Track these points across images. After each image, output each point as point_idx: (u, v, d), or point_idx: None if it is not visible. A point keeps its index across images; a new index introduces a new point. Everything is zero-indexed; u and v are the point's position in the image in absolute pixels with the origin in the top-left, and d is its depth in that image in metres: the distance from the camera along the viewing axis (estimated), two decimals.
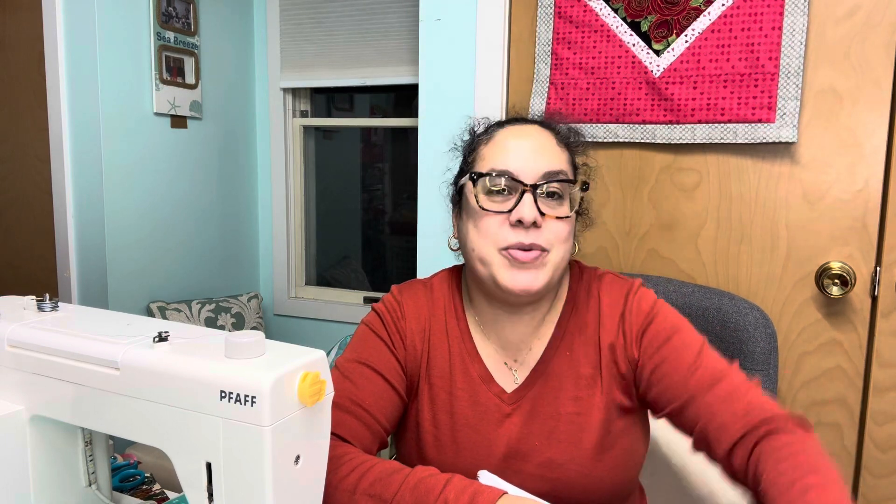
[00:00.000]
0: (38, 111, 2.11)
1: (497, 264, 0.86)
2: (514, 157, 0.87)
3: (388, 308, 0.96)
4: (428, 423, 0.93)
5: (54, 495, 0.77)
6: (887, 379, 1.45)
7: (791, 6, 1.43)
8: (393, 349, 0.94)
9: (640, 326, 0.90)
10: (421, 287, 0.99)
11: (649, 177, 1.62)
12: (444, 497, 0.73)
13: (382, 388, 0.91)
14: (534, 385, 0.91)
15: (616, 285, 0.95)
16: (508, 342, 0.94)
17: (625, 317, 0.91)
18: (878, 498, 1.48)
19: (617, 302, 0.92)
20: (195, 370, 0.60)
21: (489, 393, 0.91)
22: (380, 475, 0.78)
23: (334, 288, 2.67)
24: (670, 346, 0.88)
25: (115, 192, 2.06)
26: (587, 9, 1.61)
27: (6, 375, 0.72)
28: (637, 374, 0.90)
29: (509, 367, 0.94)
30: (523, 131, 0.90)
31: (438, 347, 0.94)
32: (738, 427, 0.79)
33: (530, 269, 0.85)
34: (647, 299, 0.92)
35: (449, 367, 0.93)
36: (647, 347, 0.89)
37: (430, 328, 0.95)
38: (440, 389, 0.93)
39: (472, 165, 0.92)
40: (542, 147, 0.88)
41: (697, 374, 0.84)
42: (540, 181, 0.86)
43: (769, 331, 1.26)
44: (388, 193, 2.76)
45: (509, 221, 0.85)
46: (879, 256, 1.45)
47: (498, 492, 0.73)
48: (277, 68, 2.53)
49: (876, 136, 1.42)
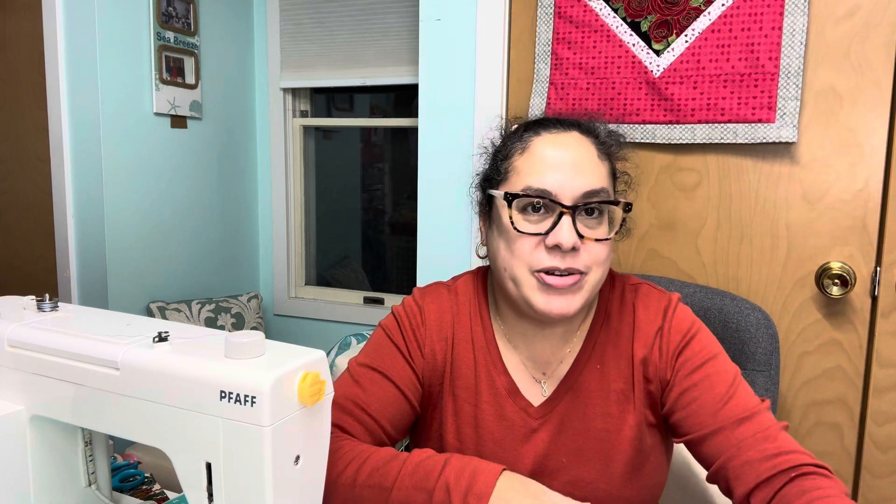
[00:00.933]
0: (38, 111, 2.11)
1: (530, 287, 0.81)
2: (551, 175, 0.80)
3: (409, 313, 0.92)
4: (451, 436, 0.89)
5: (54, 495, 0.77)
6: (887, 379, 1.45)
7: (791, 6, 1.43)
8: (409, 359, 0.90)
9: (677, 346, 0.86)
10: (445, 291, 0.94)
11: (649, 177, 1.62)
12: (445, 478, 0.72)
13: (392, 396, 0.88)
14: (562, 399, 0.88)
15: (654, 298, 0.90)
16: (537, 355, 0.90)
17: (662, 333, 0.87)
18: (878, 498, 1.48)
19: (655, 317, 0.88)
20: (195, 370, 0.60)
21: (516, 407, 0.88)
22: (377, 464, 0.77)
23: (334, 288, 2.67)
24: (704, 371, 0.84)
25: (115, 192, 2.06)
26: (587, 9, 1.61)
27: (6, 375, 0.72)
28: (664, 394, 0.86)
29: (537, 381, 0.90)
30: (561, 141, 0.83)
31: (463, 357, 0.90)
32: (765, 468, 0.76)
33: (566, 294, 0.81)
34: (687, 318, 0.88)
35: (474, 379, 0.89)
36: (680, 369, 0.85)
37: (453, 336, 0.91)
38: (465, 402, 0.89)
39: (504, 176, 0.85)
40: (581, 161, 0.82)
41: (729, 406, 0.81)
42: (579, 202, 0.80)
43: (771, 331, 1.26)
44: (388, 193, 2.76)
45: (545, 244, 0.80)
46: (879, 256, 1.45)
47: (498, 467, 0.72)
48: (277, 68, 2.53)
49: (876, 136, 1.42)
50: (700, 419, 0.82)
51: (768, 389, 1.25)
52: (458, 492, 0.71)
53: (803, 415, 1.53)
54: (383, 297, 2.55)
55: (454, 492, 0.71)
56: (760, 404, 0.81)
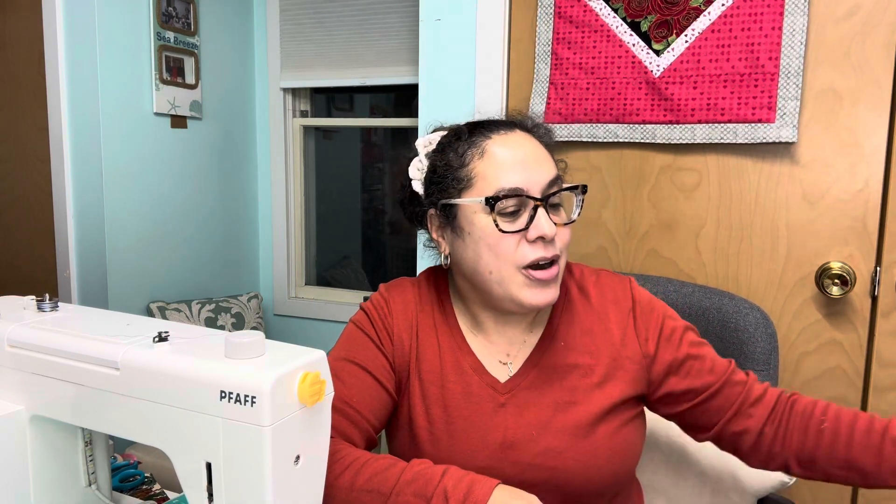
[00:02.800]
0: (38, 111, 2.11)
1: (518, 284, 0.85)
2: (517, 172, 0.84)
3: (376, 305, 0.96)
4: (421, 418, 0.92)
5: (54, 495, 0.77)
6: (887, 379, 1.45)
7: (791, 6, 1.43)
8: (381, 346, 0.94)
9: (657, 325, 0.93)
10: (409, 284, 1.00)
11: (649, 177, 1.62)
12: (443, 486, 0.74)
13: (370, 386, 0.91)
14: (528, 375, 0.92)
15: (616, 278, 0.97)
16: (501, 339, 0.94)
17: (636, 312, 0.93)
18: (878, 498, 1.48)
19: (623, 296, 0.94)
20: (195, 370, 0.60)
21: (482, 383, 0.91)
22: (376, 471, 0.79)
23: (334, 288, 2.67)
24: (686, 341, 0.92)
25: (115, 192, 2.06)
26: (587, 9, 1.61)
27: (6, 375, 0.72)
28: (654, 369, 0.92)
29: (503, 363, 0.94)
30: (512, 140, 0.88)
31: (427, 342, 0.94)
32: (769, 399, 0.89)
33: (551, 284, 0.86)
34: (651, 298, 0.96)
35: (440, 362, 0.93)
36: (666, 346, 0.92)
37: (417, 323, 0.95)
38: (431, 384, 0.93)
39: (468, 183, 0.87)
40: (537, 155, 0.87)
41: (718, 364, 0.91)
42: (547, 192, 0.85)
43: (769, 331, 1.26)
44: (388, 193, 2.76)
45: (527, 238, 0.84)
46: (879, 256, 1.45)
47: (493, 481, 0.75)
48: (277, 68, 2.53)
49: (876, 136, 1.42)
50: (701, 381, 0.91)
51: None
52: (455, 499, 0.73)
53: None
54: None
55: (452, 499, 0.73)
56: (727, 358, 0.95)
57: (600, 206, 1.67)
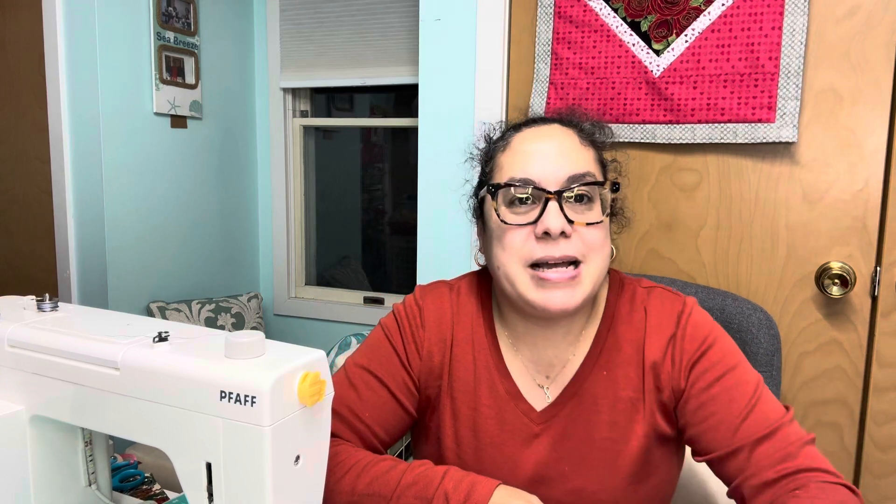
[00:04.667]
0: (38, 111, 2.11)
1: (524, 283, 0.79)
2: (534, 163, 0.79)
3: (408, 314, 0.90)
4: (449, 439, 0.87)
5: (54, 495, 0.77)
6: (887, 379, 1.45)
7: (791, 6, 1.43)
8: (406, 363, 0.88)
9: (692, 355, 0.81)
10: (447, 291, 0.92)
11: (649, 177, 1.62)
12: (444, 488, 0.74)
13: (386, 401, 0.88)
14: (566, 405, 0.84)
15: (667, 301, 0.85)
16: (541, 358, 0.87)
17: (675, 340, 0.82)
18: (878, 498, 1.48)
19: (668, 322, 0.83)
20: (195, 370, 0.60)
21: (517, 411, 0.85)
22: (377, 474, 0.78)
23: (334, 288, 2.67)
24: (722, 384, 0.79)
25: (115, 192, 2.06)
26: (587, 9, 1.61)
27: (6, 375, 0.72)
28: (679, 406, 0.82)
29: (540, 385, 0.87)
30: (542, 133, 0.83)
31: (462, 359, 0.88)
32: (781, 486, 0.73)
33: (565, 287, 0.78)
34: (703, 325, 0.83)
35: (474, 381, 0.87)
36: (696, 381, 0.80)
37: (452, 337, 0.88)
38: (463, 404, 0.87)
39: (490, 176, 0.85)
40: (563, 148, 0.81)
41: (748, 423, 0.76)
42: (564, 186, 0.78)
43: (773, 332, 1.26)
44: (388, 193, 2.76)
45: (535, 234, 0.78)
46: (879, 256, 1.45)
47: (494, 481, 0.74)
48: (277, 68, 2.53)
49: (876, 136, 1.42)
50: (719, 437, 0.77)
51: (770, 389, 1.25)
52: (456, 500, 0.72)
53: (803, 415, 1.53)
54: (383, 297, 2.55)
55: (452, 500, 0.72)
56: (783, 417, 0.77)
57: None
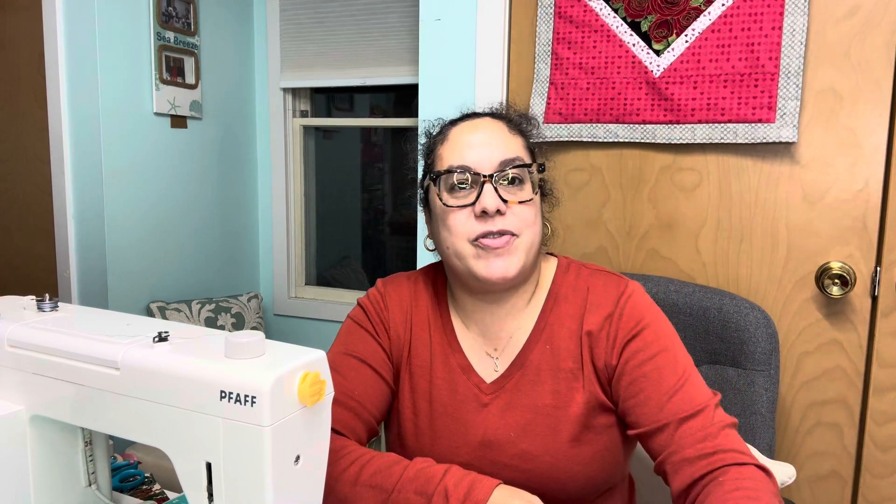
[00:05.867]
0: (38, 111, 2.11)
1: (471, 256, 0.88)
2: (469, 152, 0.89)
3: (372, 301, 1.00)
4: (408, 410, 0.95)
5: (54, 495, 0.77)
6: (887, 379, 1.45)
7: (791, 6, 1.43)
8: (378, 339, 0.96)
9: (626, 334, 0.88)
10: (405, 280, 1.02)
11: (649, 177, 1.62)
12: (444, 485, 0.76)
13: (370, 378, 0.94)
14: (512, 377, 0.92)
15: (611, 282, 0.93)
16: (489, 330, 0.95)
17: (612, 318, 0.90)
18: (878, 498, 1.48)
19: (606, 300, 0.91)
20: (195, 370, 0.60)
21: (468, 383, 0.93)
22: (380, 467, 0.82)
23: (334, 288, 2.67)
24: (654, 363, 0.85)
25: (115, 191, 2.06)
26: (587, 9, 1.61)
27: (6, 375, 0.72)
28: (613, 382, 0.89)
29: (491, 356, 0.95)
30: (475, 125, 0.93)
31: (420, 337, 0.97)
32: (698, 466, 0.77)
33: (503, 255, 0.87)
34: (640, 306, 0.90)
35: (430, 357, 0.96)
36: (629, 358, 0.87)
37: (411, 318, 0.98)
38: (420, 378, 0.95)
39: (432, 167, 0.94)
40: (495, 137, 0.90)
41: (674, 401, 0.82)
42: (497, 170, 0.88)
43: (770, 331, 1.26)
44: (388, 193, 2.76)
45: (475, 213, 0.87)
46: (879, 256, 1.45)
47: (494, 480, 0.76)
48: (277, 68, 2.53)
49: (876, 136, 1.42)
50: (647, 412, 0.84)
51: (768, 389, 1.25)
52: (456, 498, 0.74)
53: (803, 415, 1.53)
54: None
55: (452, 497, 0.75)
56: (709, 400, 0.83)
57: (600, 206, 1.67)
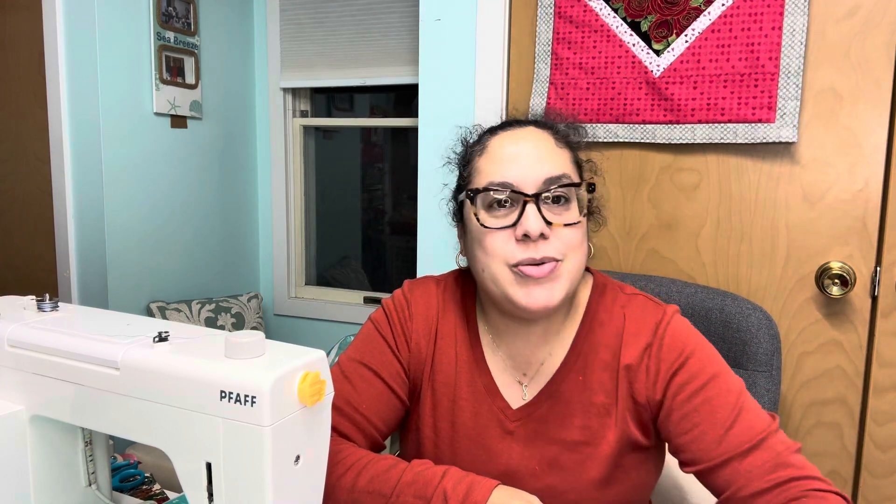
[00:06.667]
0: (38, 111, 2.11)
1: (509, 282, 0.80)
2: (511, 167, 0.81)
3: (397, 306, 0.93)
4: (428, 428, 0.90)
5: (54, 495, 0.77)
6: (887, 379, 1.45)
7: (791, 6, 1.43)
8: (396, 352, 0.91)
9: (669, 367, 0.81)
10: (433, 286, 0.95)
11: (649, 177, 1.62)
12: (443, 487, 0.75)
13: (381, 392, 0.89)
14: (541, 406, 0.86)
15: (648, 310, 0.85)
16: (519, 354, 0.88)
17: (651, 350, 0.82)
18: (878, 498, 1.48)
19: (645, 330, 0.84)
20: (195, 370, 0.60)
21: (494, 407, 0.87)
22: (377, 472, 0.79)
23: (334, 288, 2.67)
24: (704, 395, 0.79)
25: (115, 192, 2.06)
26: (587, 9, 1.61)
27: (6, 375, 0.72)
28: (661, 419, 0.82)
29: (519, 382, 0.88)
30: (518, 136, 0.84)
31: (445, 352, 0.90)
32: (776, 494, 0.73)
33: (545, 283, 0.79)
34: (681, 334, 0.83)
35: (455, 375, 0.89)
36: (677, 392, 0.80)
37: (437, 330, 0.91)
38: (443, 396, 0.89)
39: (468, 181, 0.86)
40: (540, 151, 0.82)
41: (733, 433, 0.76)
42: (542, 189, 0.79)
43: (772, 332, 1.26)
44: (388, 193, 2.76)
45: (515, 236, 0.79)
46: (879, 256, 1.45)
47: (493, 481, 0.75)
48: (277, 68, 2.53)
49: (876, 136, 1.42)
50: (704, 448, 0.77)
51: (769, 390, 1.25)
52: (455, 500, 0.73)
53: (803, 415, 1.53)
54: (383, 297, 2.55)
55: (451, 500, 0.73)
56: (769, 426, 0.77)
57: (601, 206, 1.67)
